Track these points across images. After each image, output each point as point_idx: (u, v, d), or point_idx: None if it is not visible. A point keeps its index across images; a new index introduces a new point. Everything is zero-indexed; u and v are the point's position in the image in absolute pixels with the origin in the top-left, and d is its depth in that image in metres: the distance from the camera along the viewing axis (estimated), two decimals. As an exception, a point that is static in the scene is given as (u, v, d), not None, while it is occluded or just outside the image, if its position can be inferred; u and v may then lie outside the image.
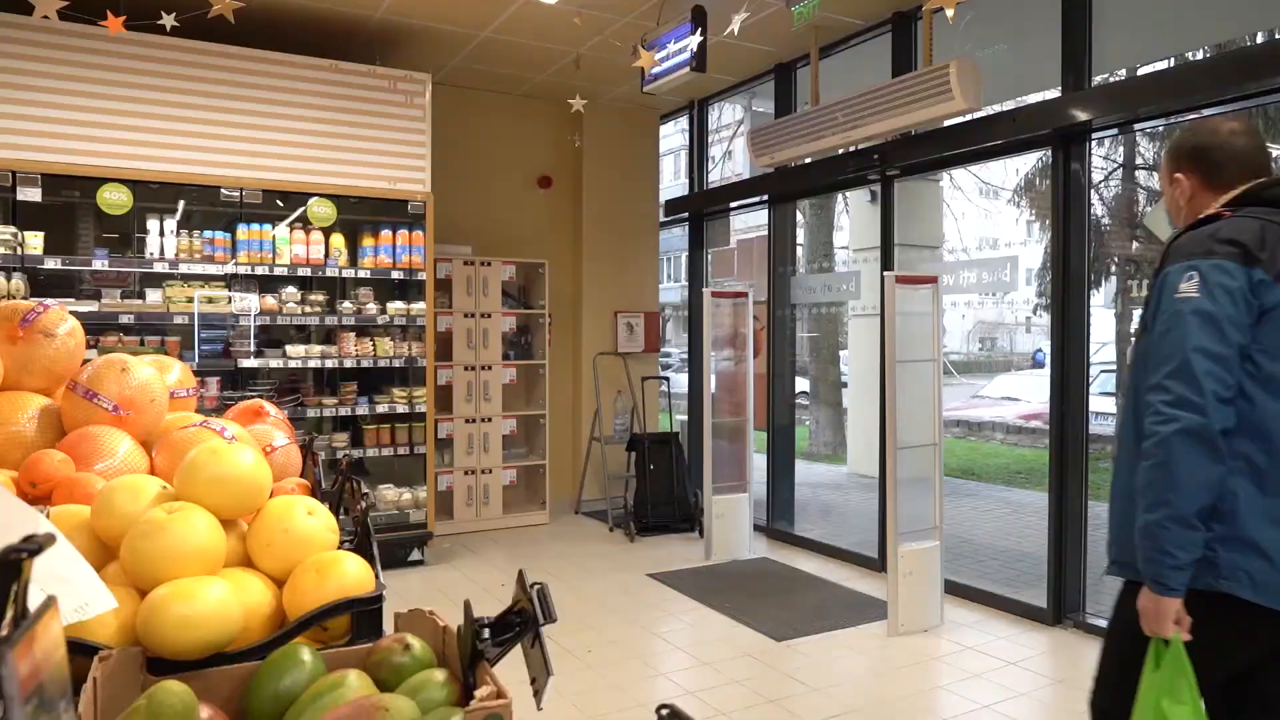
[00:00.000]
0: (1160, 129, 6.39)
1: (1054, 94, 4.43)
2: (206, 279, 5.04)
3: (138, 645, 1.12)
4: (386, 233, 5.51)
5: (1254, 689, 1.83)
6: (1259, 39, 4.83)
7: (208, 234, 5.05)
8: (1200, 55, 4.81)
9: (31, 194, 4.50)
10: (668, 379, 7.45)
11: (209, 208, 5.15)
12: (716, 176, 8.53)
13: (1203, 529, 1.71)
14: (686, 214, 7.41)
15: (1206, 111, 3.97)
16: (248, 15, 5.02)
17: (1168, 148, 2.05)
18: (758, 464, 6.30)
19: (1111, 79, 4.59)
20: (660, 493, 6.50)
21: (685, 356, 8.65)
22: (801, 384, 10.20)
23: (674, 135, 8.73)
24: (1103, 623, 4.28)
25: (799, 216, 7.66)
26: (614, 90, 6.81)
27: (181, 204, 5.14)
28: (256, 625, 1.23)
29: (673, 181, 12.43)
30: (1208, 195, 1.92)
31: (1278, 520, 1.72)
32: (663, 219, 7.68)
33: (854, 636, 4.30)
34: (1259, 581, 1.71)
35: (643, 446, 6.53)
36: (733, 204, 7.17)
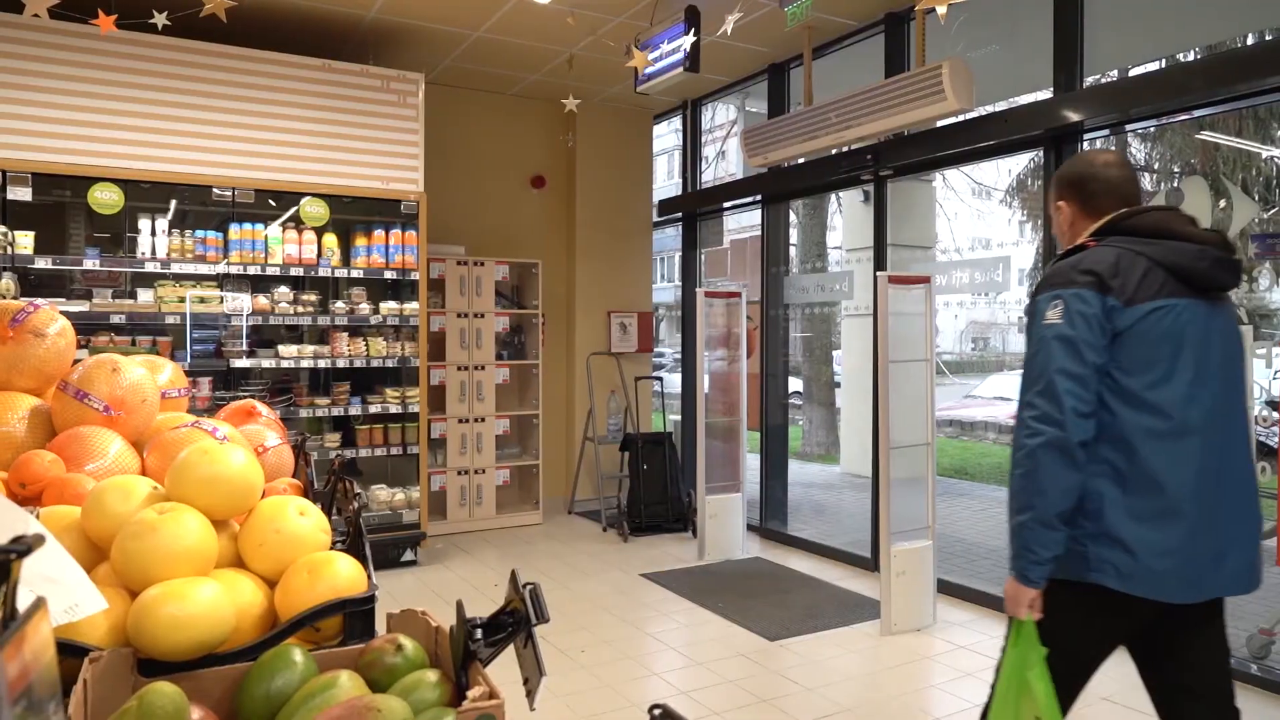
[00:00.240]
0: (1152, 130, 6.42)
1: (1046, 95, 4.44)
2: (198, 279, 5.02)
3: (128, 646, 1.12)
4: (379, 232, 5.50)
5: (1167, 655, 2.06)
6: (1249, 40, 4.85)
7: (200, 233, 5.03)
8: (1191, 56, 4.83)
9: (22, 193, 4.48)
10: (661, 379, 7.45)
11: (201, 207, 5.14)
12: (710, 176, 8.54)
13: (1063, 530, 1.93)
14: (680, 214, 7.41)
15: (1198, 112, 4.00)
16: (240, 14, 5.01)
17: (1054, 177, 2.24)
18: (751, 464, 6.31)
19: (1103, 80, 4.61)
20: (653, 493, 6.50)
21: (679, 356, 8.66)
22: (795, 384, 10.21)
23: (667, 135, 8.72)
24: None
25: (792, 216, 7.67)
26: (607, 90, 6.81)
27: (173, 203, 5.12)
28: (248, 626, 1.23)
29: (666, 181, 12.42)
30: (1085, 222, 2.12)
31: (1139, 517, 1.90)
32: (656, 219, 7.68)
33: (847, 636, 4.31)
34: (1124, 573, 1.90)
35: (636, 446, 6.53)
36: (726, 204, 7.18)
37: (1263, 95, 3.69)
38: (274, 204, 5.27)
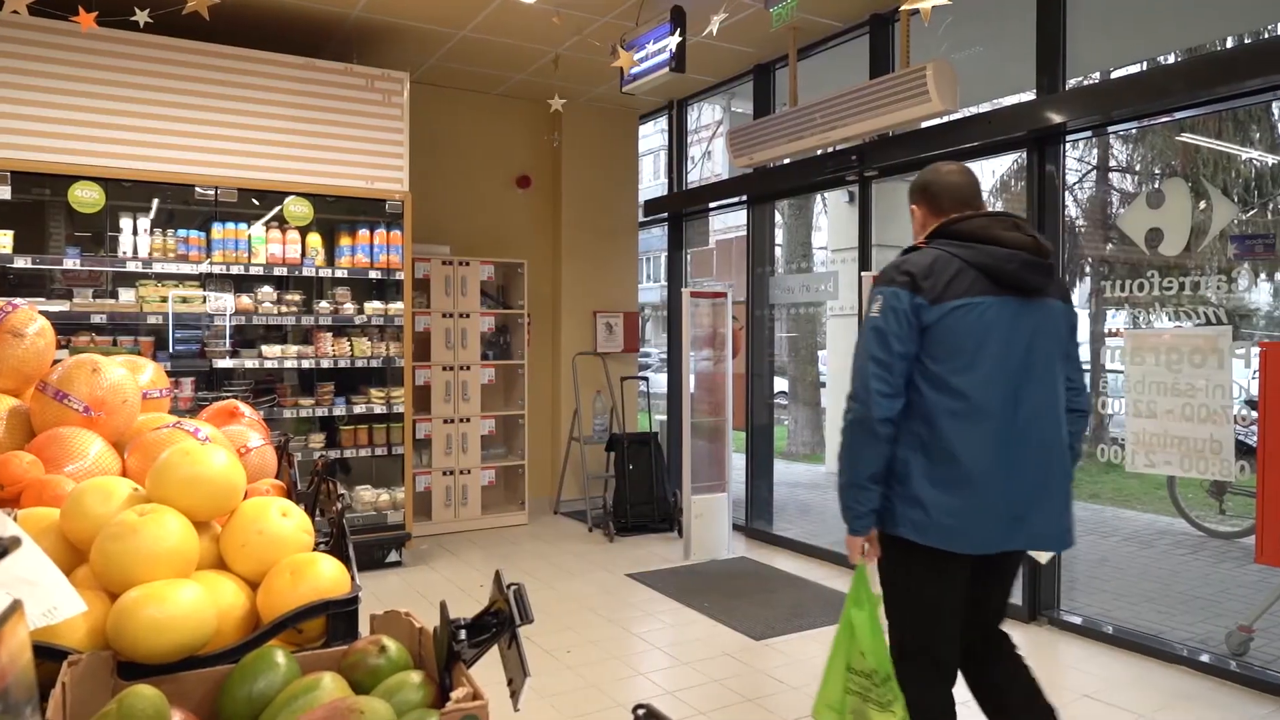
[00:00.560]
0: (1133, 131, 6.48)
1: (1029, 96, 4.47)
2: (181, 278, 4.98)
3: (108, 649, 1.10)
4: (364, 232, 5.48)
5: (976, 589, 2.41)
6: (1229, 43, 4.90)
7: (182, 233, 4.99)
8: (1172, 59, 4.87)
9: (1, 191, 4.43)
10: (647, 379, 7.45)
11: (183, 206, 5.10)
12: (696, 177, 8.55)
13: (875, 489, 2.28)
14: (665, 214, 7.42)
15: (1178, 114, 4.03)
16: (222, 12, 4.98)
17: (910, 185, 2.53)
18: (737, 464, 6.32)
19: (1085, 82, 4.65)
20: (639, 493, 6.50)
21: (664, 356, 8.66)
22: (780, 384, 10.23)
23: (653, 135, 8.73)
24: (1078, 620, 4.34)
25: (778, 217, 7.69)
26: (593, 90, 6.80)
27: (155, 202, 5.08)
28: (230, 628, 1.22)
29: (652, 182, 12.42)
30: (932, 223, 2.42)
31: (936, 482, 2.22)
32: (642, 219, 7.68)
33: (832, 635, 4.31)
34: (919, 527, 2.24)
35: (622, 446, 6.53)
36: (712, 204, 7.19)
37: (1241, 98, 3.73)
38: (257, 203, 5.23)
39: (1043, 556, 2.75)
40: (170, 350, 4.97)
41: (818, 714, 2.50)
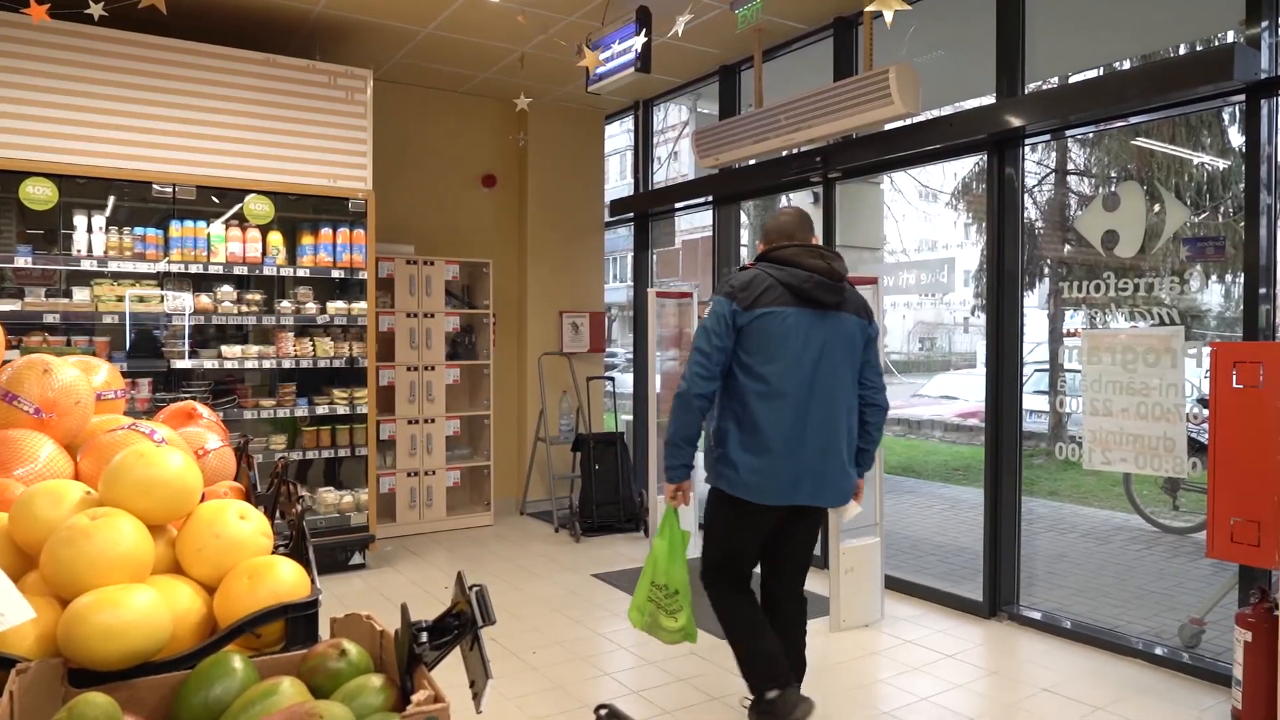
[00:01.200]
0: (1090, 135, 6.60)
1: (989, 100, 4.54)
2: (137, 277, 4.89)
3: (58, 657, 1.08)
4: (326, 231, 5.41)
5: (773, 545, 3.14)
6: (1181, 50, 5.02)
7: (139, 231, 4.90)
8: (1128, 65, 4.97)
9: (-51, 188, 4.32)
10: (613, 379, 7.45)
11: (140, 204, 5.00)
12: (662, 177, 8.56)
13: (687, 448, 3.01)
14: (631, 214, 7.42)
15: (1134, 119, 4.12)
16: (181, 7, 4.90)
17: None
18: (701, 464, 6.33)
19: (1044, 86, 4.73)
20: (605, 493, 6.50)
21: (631, 356, 8.67)
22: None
23: (620, 135, 8.72)
24: (1037, 615, 4.42)
25: (743, 217, 7.72)
26: (559, 89, 6.79)
27: (111, 200, 4.97)
28: (185, 633, 1.20)
29: (619, 181, 12.42)
30: (761, 250, 3.14)
31: (745, 448, 2.93)
32: (608, 219, 7.68)
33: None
34: (732, 482, 2.96)
35: (588, 447, 6.52)
36: (678, 204, 7.20)
37: (1193, 103, 3.82)
38: (217, 201, 5.15)
39: (847, 513, 3.34)
40: (127, 351, 4.88)
41: (629, 616, 3.31)
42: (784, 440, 2.90)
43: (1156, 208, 4.09)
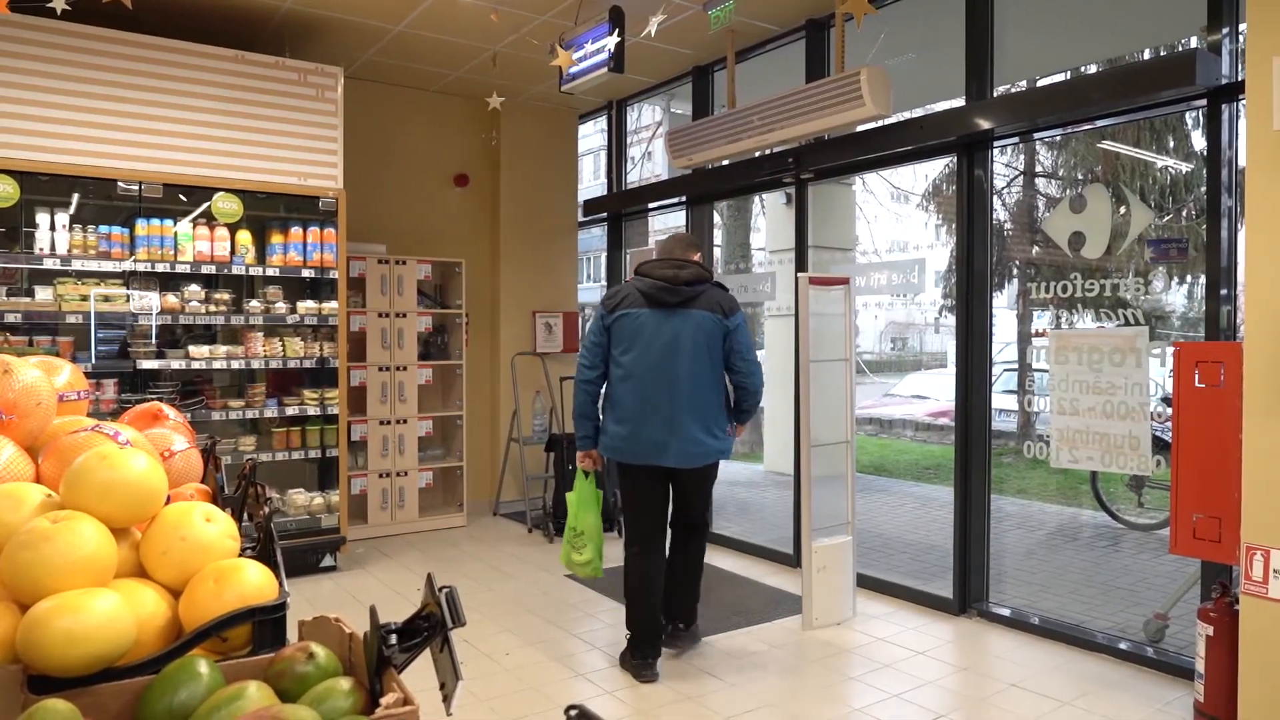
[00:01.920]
0: (1058, 138, 6.69)
1: (959, 103, 4.59)
2: (102, 276, 4.81)
3: (17, 663, 1.06)
4: (297, 230, 5.36)
5: (674, 499, 3.99)
6: (1146, 55, 5.10)
7: (104, 229, 4.82)
8: (1094, 69, 5.05)
9: (-94, 184, 4.22)
10: (587, 379, 7.43)
11: (105, 202, 4.92)
12: (635, 177, 8.56)
13: (587, 422, 3.86)
14: (605, 214, 7.41)
15: (1100, 122, 4.18)
16: (146, 1, 4.82)
17: None
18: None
19: (1013, 90, 4.79)
20: (579, 493, 6.47)
21: (605, 356, 8.67)
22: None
23: (593, 135, 8.72)
24: (1006, 611, 4.47)
25: (716, 218, 7.74)
26: (532, 89, 6.77)
27: (75, 197, 4.89)
28: (150, 638, 1.18)
29: (592, 181, 12.40)
30: None
31: (613, 419, 3.78)
32: (581, 219, 7.67)
33: (769, 631, 4.37)
34: (606, 448, 3.84)
35: (562, 447, 6.50)
36: (651, 204, 7.21)
37: (1157, 107, 3.88)
38: (184, 199, 5.08)
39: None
40: (92, 351, 4.80)
41: (560, 558, 4.13)
42: (636, 412, 3.70)
43: (1122, 210, 4.16)
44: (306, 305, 5.37)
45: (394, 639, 1.09)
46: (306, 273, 5.37)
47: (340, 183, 5.38)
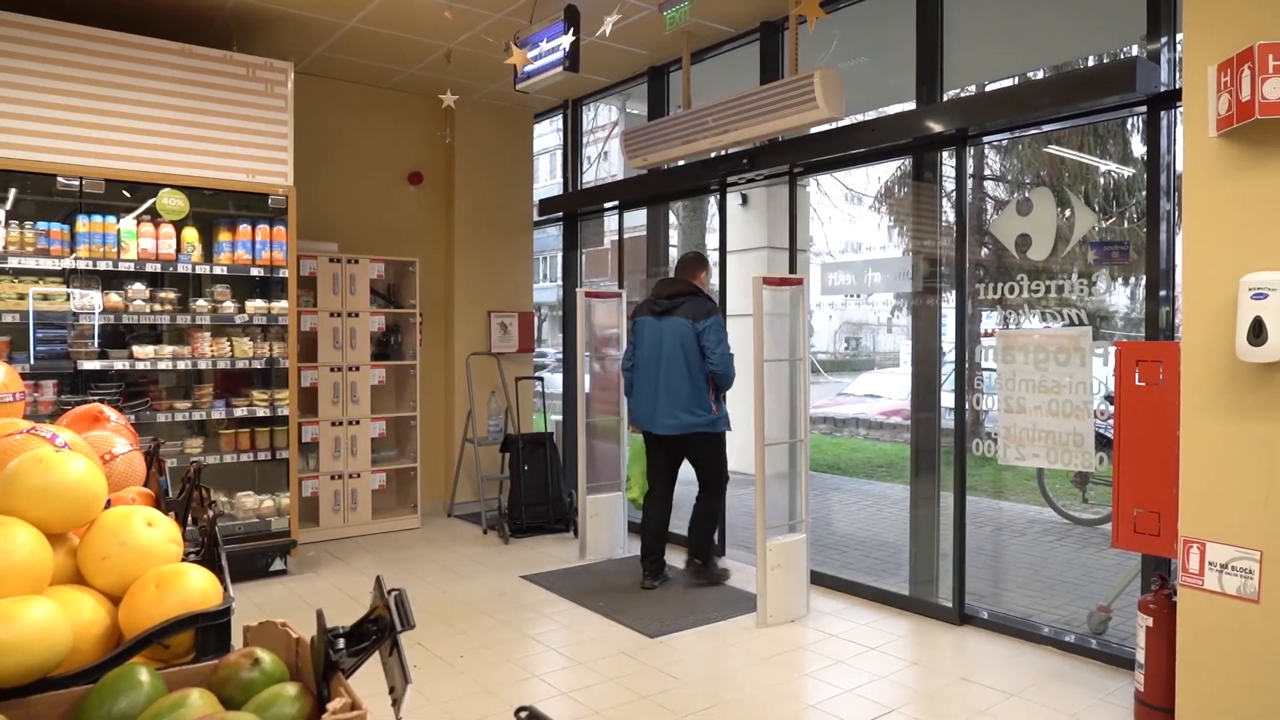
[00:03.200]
0: (1005, 142, 6.83)
1: (910, 106, 4.66)
2: (41, 274, 4.67)
3: (-53, 674, 1.02)
4: (245, 227, 5.25)
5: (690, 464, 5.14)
6: (1090, 62, 5.23)
7: (42, 225, 4.68)
8: (1041, 75, 5.16)
9: None
10: (542, 379, 7.41)
11: (44, 198, 4.77)
12: (592, 176, 8.55)
13: (628, 398, 5.21)
14: (561, 214, 7.39)
15: (1046, 127, 4.28)
16: (87, -9, 4.69)
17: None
18: (632, 463, 6.34)
19: (962, 94, 4.87)
20: (534, 493, 6.46)
21: (561, 356, 8.63)
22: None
23: (549, 134, 8.69)
24: (953, 605, 4.54)
25: (673, 218, 7.76)
26: (487, 87, 6.72)
27: (12, 192, 4.74)
28: (88, 647, 1.15)
29: (549, 181, 12.36)
30: None
31: (639, 402, 5.05)
32: (537, 218, 7.64)
33: (725, 630, 4.40)
34: (633, 419, 5.20)
35: (517, 447, 6.48)
36: (607, 204, 7.20)
37: (1100, 113, 3.98)
38: (128, 195, 4.95)
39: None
40: (30, 351, 4.65)
41: (629, 497, 5.75)
42: (639, 391, 5.03)
43: (1066, 213, 4.26)
44: (256, 304, 5.27)
45: (342, 643, 1.07)
46: (255, 271, 5.27)
47: (290, 180, 5.29)
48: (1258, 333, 2.73)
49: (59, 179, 4.62)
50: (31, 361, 4.61)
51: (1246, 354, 2.78)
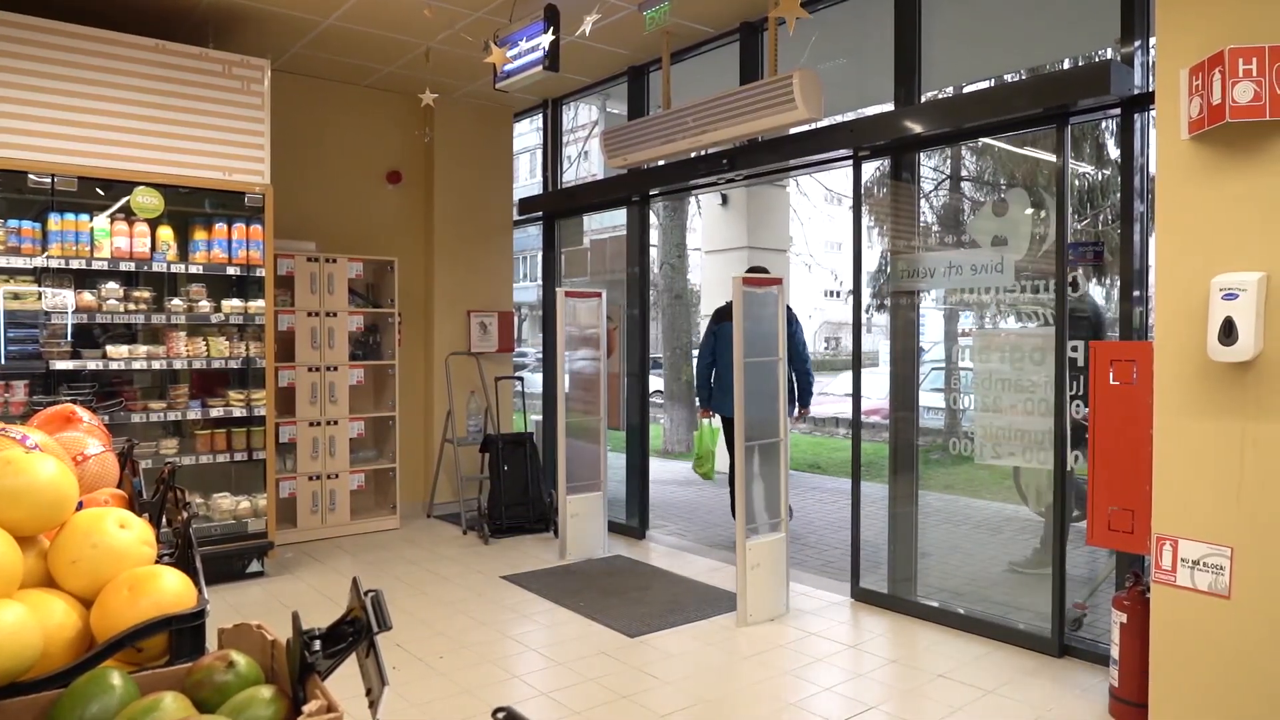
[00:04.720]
0: (980, 144, 6.88)
1: (888, 108, 4.69)
2: (11, 273, 4.60)
3: (-86, 679, 1.01)
4: (221, 226, 5.20)
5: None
6: (1065, 65, 5.28)
7: (13, 223, 4.61)
8: (1018, 77, 5.21)
9: None
10: (521, 379, 7.39)
11: (15, 195, 4.70)
12: (573, 176, 8.53)
13: (702, 390, 6.34)
14: (540, 213, 7.37)
15: (1022, 129, 4.32)
16: (59, -14, 4.63)
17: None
18: (613, 463, 6.35)
19: (940, 96, 4.91)
20: (514, 494, 6.44)
21: (541, 356, 8.61)
22: (656, 383, 10.34)
23: (529, 134, 8.66)
24: (934, 604, 4.58)
25: (653, 218, 7.76)
26: (467, 86, 6.70)
27: (-19, 190, 4.67)
28: (59, 650, 1.13)
29: (529, 180, 12.32)
30: None
31: (722, 392, 5.96)
32: (517, 218, 7.61)
33: (705, 629, 4.41)
34: (714, 407, 6.24)
35: (496, 447, 6.45)
36: (587, 204, 7.20)
37: (1076, 115, 4.02)
38: (101, 193, 4.89)
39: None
40: (1, 351, 4.58)
41: (697, 470, 6.88)
42: (728, 391, 5.36)
43: (1042, 214, 4.30)
44: (232, 304, 5.22)
45: (318, 645, 1.06)
46: (232, 270, 5.22)
47: (267, 178, 5.24)
48: (1228, 333, 2.77)
49: (30, 176, 4.56)
50: (2, 361, 4.54)
51: (1218, 353, 2.82)
